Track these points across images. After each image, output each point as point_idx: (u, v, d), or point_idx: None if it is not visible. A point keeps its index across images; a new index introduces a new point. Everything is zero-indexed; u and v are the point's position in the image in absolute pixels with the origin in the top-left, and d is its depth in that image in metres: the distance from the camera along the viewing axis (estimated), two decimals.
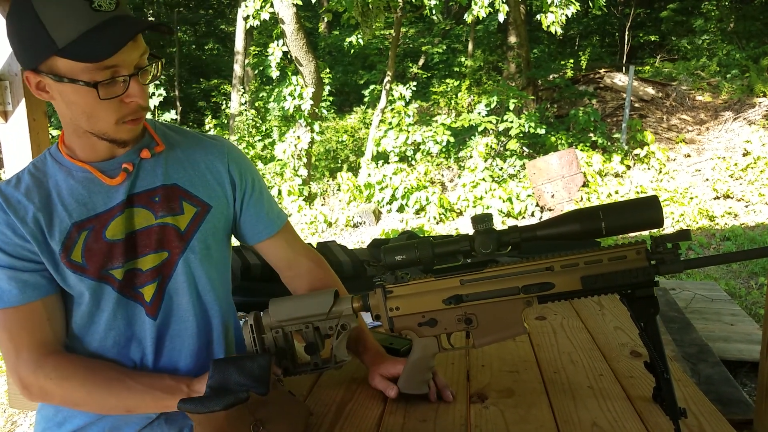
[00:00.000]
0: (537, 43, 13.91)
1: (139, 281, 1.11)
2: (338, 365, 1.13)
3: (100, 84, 0.97)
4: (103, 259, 1.08)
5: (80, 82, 0.96)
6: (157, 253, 1.11)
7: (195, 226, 1.15)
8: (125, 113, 1.03)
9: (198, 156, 1.20)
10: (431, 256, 1.01)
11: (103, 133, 1.05)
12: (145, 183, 1.13)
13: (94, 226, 1.08)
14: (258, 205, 1.26)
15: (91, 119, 1.02)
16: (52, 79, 0.98)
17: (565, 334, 1.43)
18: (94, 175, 1.10)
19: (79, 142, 1.08)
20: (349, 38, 9.50)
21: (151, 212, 1.12)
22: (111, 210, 1.09)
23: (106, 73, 0.97)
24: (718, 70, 10.49)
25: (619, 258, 0.95)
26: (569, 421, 1.02)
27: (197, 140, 1.23)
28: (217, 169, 1.20)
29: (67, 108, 1.02)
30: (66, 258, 1.06)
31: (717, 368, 2.91)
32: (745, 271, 5.08)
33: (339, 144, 10.77)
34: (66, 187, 1.09)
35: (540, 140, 8.51)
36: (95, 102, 0.99)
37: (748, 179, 7.35)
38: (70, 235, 1.07)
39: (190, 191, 1.16)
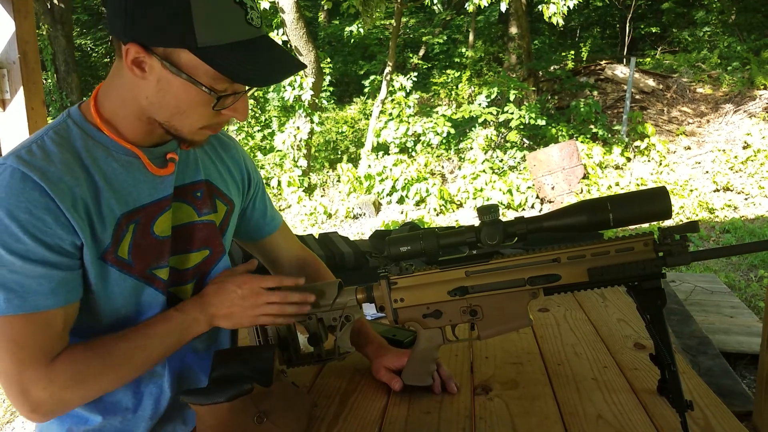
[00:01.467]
0: (538, 34, 13.85)
1: (183, 280, 1.05)
2: (341, 356, 1.12)
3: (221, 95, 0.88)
4: (150, 257, 0.99)
5: (202, 86, 0.87)
6: (199, 251, 1.07)
7: (226, 225, 1.13)
8: (215, 123, 0.95)
9: (221, 151, 1.15)
10: (436, 247, 1.00)
11: (177, 130, 0.94)
12: (186, 176, 1.05)
13: (140, 219, 0.97)
14: (263, 202, 1.25)
15: (177, 116, 0.92)
16: (163, 66, 0.86)
17: (568, 326, 1.43)
18: (140, 162, 0.97)
19: (136, 124, 0.95)
20: (349, 28, 9.45)
21: (193, 208, 1.06)
22: (158, 203, 0.99)
23: (226, 84, 0.89)
24: (719, 63, 10.45)
25: (627, 249, 0.94)
26: (574, 414, 1.01)
27: (216, 134, 1.17)
28: (238, 166, 1.17)
29: (158, 94, 0.89)
30: (114, 254, 0.94)
31: (717, 360, 2.92)
32: (744, 264, 5.08)
33: (339, 135, 10.73)
34: (109, 169, 0.95)
35: (540, 132, 8.49)
36: (201, 107, 0.90)
37: (748, 172, 7.35)
38: (120, 226, 0.95)
39: (220, 188, 1.12)
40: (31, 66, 2.39)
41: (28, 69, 2.38)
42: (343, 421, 1.02)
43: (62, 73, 11.40)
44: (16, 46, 2.33)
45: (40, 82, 2.45)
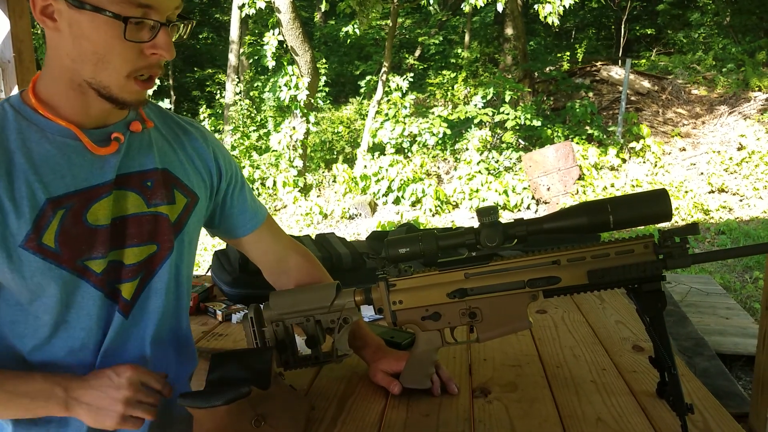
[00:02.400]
0: (533, 35, 13.87)
1: (119, 275, 0.95)
2: (339, 359, 1.11)
3: (129, 20, 0.82)
4: (81, 246, 0.90)
5: (107, 12, 0.81)
6: (145, 245, 0.97)
7: (185, 219, 1.03)
8: (141, 66, 0.87)
9: (184, 140, 1.07)
10: (435, 249, 1.00)
11: (105, 86, 0.87)
12: (137, 163, 0.97)
13: (72, 205, 0.90)
14: (242, 196, 1.16)
15: (100, 63, 0.85)
16: (68, 4, 0.81)
17: (566, 328, 1.42)
18: (78, 142, 0.91)
19: (70, 95, 0.90)
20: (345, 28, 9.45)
21: (142, 198, 0.97)
22: (96, 188, 0.92)
23: (138, 11, 0.83)
24: (713, 64, 10.49)
25: (627, 252, 0.94)
26: (573, 416, 1.01)
27: (177, 122, 1.09)
28: (203, 157, 1.08)
29: (74, 44, 0.85)
30: (36, 241, 0.87)
31: (713, 362, 2.92)
32: (739, 265, 5.10)
33: (335, 135, 10.72)
34: (39, 151, 0.89)
35: (536, 133, 8.51)
36: (114, 41, 0.83)
37: (743, 173, 7.38)
38: (44, 212, 0.87)
39: (181, 179, 1.03)
40: (26, 65, 2.37)
41: (23, 68, 2.36)
42: (341, 424, 1.01)
43: None
44: (11, 45, 2.31)
45: None
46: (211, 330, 1.53)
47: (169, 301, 1.03)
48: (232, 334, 1.50)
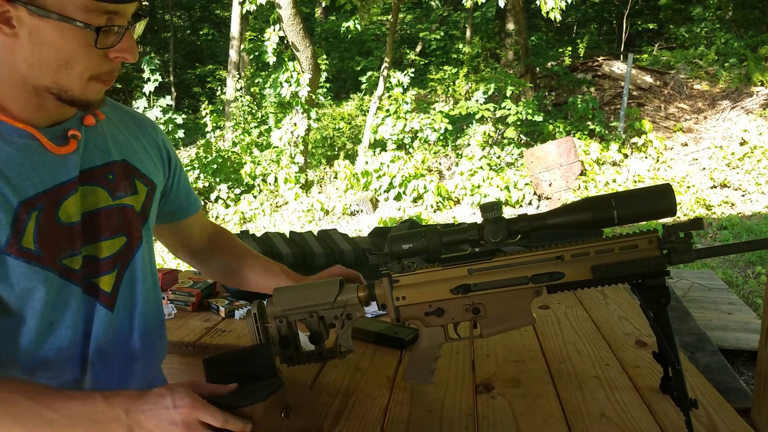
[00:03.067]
0: (535, 30, 13.84)
1: (94, 270, 0.96)
2: (342, 355, 1.11)
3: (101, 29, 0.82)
4: (59, 244, 0.90)
5: (77, 22, 0.80)
6: (116, 238, 0.98)
7: (148, 207, 1.05)
8: (104, 70, 0.88)
9: (136, 130, 1.08)
10: (439, 244, 0.99)
11: (67, 91, 0.86)
12: (96, 157, 0.97)
13: (44, 206, 0.89)
14: (185, 181, 1.19)
15: (62, 70, 0.84)
16: (29, 11, 0.79)
17: (569, 324, 1.42)
18: (37, 142, 0.89)
19: (22, 97, 0.88)
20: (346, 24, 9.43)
21: (107, 191, 0.98)
22: (62, 186, 0.91)
23: (103, 19, 0.82)
24: (716, 59, 10.46)
25: (631, 247, 0.93)
26: (577, 412, 1.01)
27: (126, 112, 1.10)
28: (156, 145, 1.10)
29: (33, 51, 0.83)
30: (16, 245, 0.86)
31: (715, 357, 2.92)
32: (742, 261, 5.09)
33: (336, 131, 10.72)
34: (1, 156, 0.86)
35: (538, 128, 8.49)
36: (81, 49, 0.83)
37: (745, 168, 7.36)
38: (19, 216, 0.86)
39: (139, 168, 1.04)
40: None
41: None
42: (345, 420, 1.01)
43: None
44: None
45: None
46: (214, 326, 1.53)
47: (148, 288, 1.05)
48: (235, 331, 1.50)
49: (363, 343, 1.33)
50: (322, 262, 1.76)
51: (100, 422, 0.81)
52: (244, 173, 8.43)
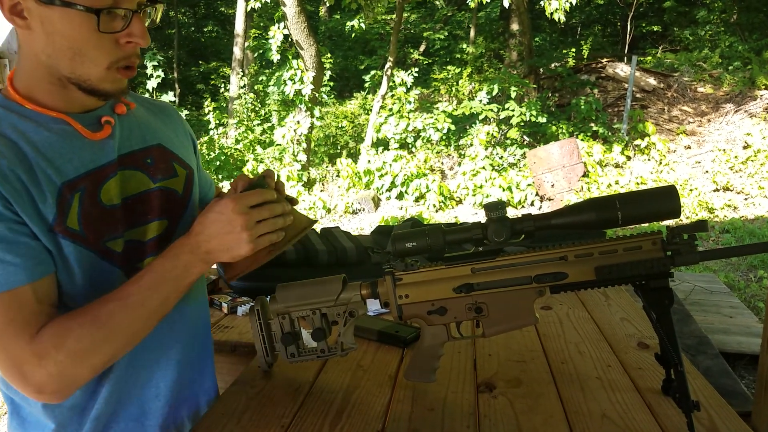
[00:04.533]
0: (539, 31, 13.83)
1: (139, 254, 0.97)
2: (344, 352, 1.11)
3: (101, 11, 0.81)
4: (102, 227, 0.91)
5: (78, 6, 0.80)
6: (159, 220, 1.00)
7: (189, 190, 1.06)
8: (119, 56, 0.87)
9: (164, 117, 1.10)
10: (442, 243, 0.99)
11: (86, 80, 0.87)
12: (132, 143, 0.98)
13: (86, 187, 0.90)
14: (202, 167, 1.20)
15: (77, 58, 0.85)
16: (36, 1, 0.81)
17: (571, 324, 1.42)
18: (72, 128, 0.90)
19: (51, 89, 0.89)
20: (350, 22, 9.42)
21: (146, 175, 0.99)
22: (102, 169, 0.92)
23: (108, 1, 0.82)
24: (720, 62, 10.44)
25: (635, 248, 0.93)
26: (578, 412, 1.01)
27: (153, 102, 1.12)
28: (183, 130, 1.12)
29: (48, 41, 0.84)
30: (63, 225, 0.86)
31: (716, 360, 2.92)
32: (744, 264, 5.08)
33: (339, 130, 10.72)
34: (40, 139, 0.87)
35: (541, 129, 8.49)
36: (89, 35, 0.83)
37: (748, 172, 7.35)
38: (63, 195, 0.87)
39: (176, 152, 1.05)
40: None
41: None
42: (346, 417, 1.02)
43: None
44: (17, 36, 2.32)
45: None
46: (216, 322, 1.54)
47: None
48: (238, 327, 1.50)
49: (365, 341, 1.33)
50: (324, 260, 1.77)
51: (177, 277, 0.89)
52: (246, 171, 8.44)
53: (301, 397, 1.09)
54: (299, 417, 1.02)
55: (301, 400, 1.08)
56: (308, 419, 1.01)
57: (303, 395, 1.10)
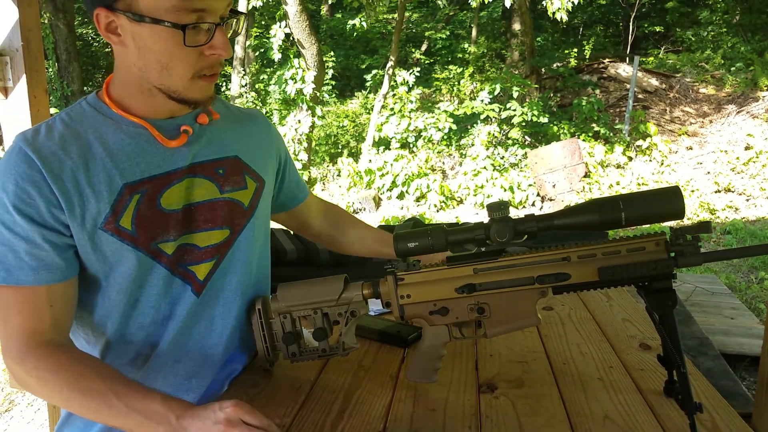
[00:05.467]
0: (541, 31, 13.81)
1: (192, 258, 1.02)
2: (346, 352, 1.11)
3: (186, 27, 0.88)
4: (156, 229, 0.97)
5: (165, 23, 0.87)
6: (220, 229, 1.05)
7: (256, 202, 1.11)
8: (203, 66, 0.94)
9: (249, 127, 1.15)
10: (445, 243, 0.99)
11: (174, 91, 0.94)
12: (208, 152, 1.04)
13: (147, 190, 0.97)
14: (293, 170, 1.28)
15: (165, 70, 0.92)
16: (129, 19, 0.88)
17: (573, 325, 1.42)
18: (149, 133, 0.98)
19: (138, 98, 0.97)
20: (351, 21, 9.41)
21: (215, 185, 1.04)
22: (169, 175, 0.99)
23: (192, 17, 0.88)
24: (722, 63, 10.43)
25: (638, 249, 0.93)
26: (580, 413, 1.00)
27: (241, 111, 1.18)
28: (267, 142, 1.18)
29: (139, 55, 0.91)
30: (114, 223, 0.94)
31: (717, 361, 2.92)
32: (745, 266, 5.08)
33: (340, 129, 10.71)
34: (115, 140, 0.96)
35: (542, 129, 8.48)
36: (176, 49, 0.89)
37: (750, 173, 7.34)
38: (122, 197, 0.95)
39: (250, 165, 1.11)
40: (34, 54, 2.36)
41: (31, 57, 2.35)
42: (347, 417, 1.01)
43: (63, 62, 11.34)
44: (19, 33, 2.30)
45: (43, 70, 2.43)
46: None
47: (243, 282, 1.11)
48: None
49: (366, 341, 1.33)
50: (326, 259, 1.76)
51: (151, 420, 0.86)
52: None
53: (302, 396, 1.09)
54: (300, 417, 1.01)
55: (302, 399, 1.08)
56: (309, 419, 1.01)
57: (304, 395, 1.09)
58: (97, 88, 0.98)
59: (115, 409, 0.87)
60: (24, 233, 0.90)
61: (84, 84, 11.13)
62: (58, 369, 0.91)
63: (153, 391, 0.91)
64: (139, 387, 0.91)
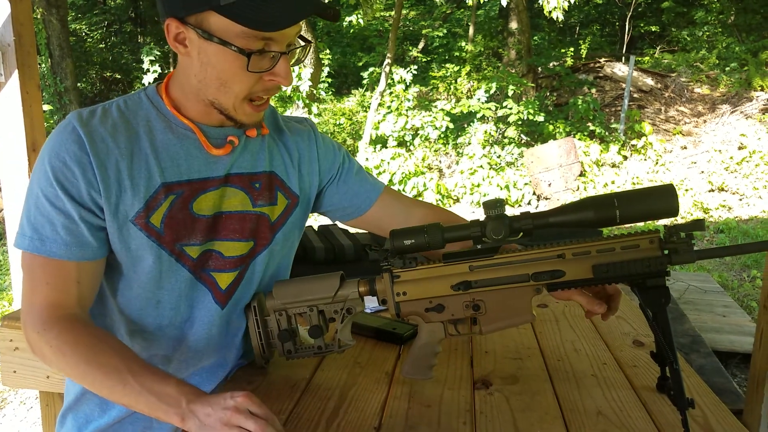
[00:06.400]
0: (538, 30, 13.83)
1: (215, 265, 1.04)
2: (341, 349, 1.12)
3: (253, 54, 0.89)
4: (183, 231, 1.00)
5: (233, 46, 0.88)
6: (246, 241, 1.07)
7: (284, 219, 1.12)
8: (258, 90, 0.96)
9: (293, 143, 1.15)
10: (441, 241, 1.00)
11: (225, 108, 0.97)
12: (248, 165, 1.06)
13: (183, 193, 0.99)
14: (353, 178, 1.23)
15: (222, 87, 0.94)
16: (198, 35, 0.89)
17: (567, 322, 1.43)
18: (196, 137, 1.00)
19: (194, 103, 0.99)
20: (348, 18, 9.40)
21: (249, 197, 1.06)
22: (206, 181, 1.01)
23: (260, 44, 0.90)
24: (717, 63, 10.47)
25: (632, 247, 0.94)
26: (574, 410, 1.01)
27: (289, 123, 1.18)
28: (310, 158, 1.17)
29: (201, 68, 0.93)
30: (145, 219, 0.96)
31: (709, 359, 2.94)
32: (737, 264, 5.11)
33: (336, 127, 10.70)
34: (163, 139, 0.99)
35: (538, 128, 8.50)
36: (238, 72, 0.91)
37: (743, 172, 7.39)
38: (157, 195, 0.97)
39: (285, 181, 1.12)
40: (26, 49, 2.36)
41: (23, 52, 2.34)
42: (343, 414, 1.02)
43: (56, 58, 11.29)
44: (11, 28, 2.30)
45: (35, 65, 2.42)
46: None
47: (261, 289, 1.12)
48: None
49: (362, 338, 1.34)
50: (322, 257, 1.77)
51: (161, 401, 0.88)
52: None
53: (297, 393, 1.09)
54: (295, 413, 1.02)
55: (297, 396, 1.08)
56: (305, 415, 1.01)
57: (300, 392, 1.10)
58: (91, 84, 0.97)
59: (129, 387, 0.89)
60: (63, 208, 0.93)
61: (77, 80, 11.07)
62: (78, 343, 0.92)
63: (169, 375, 0.93)
64: (155, 369, 0.93)
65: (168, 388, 0.89)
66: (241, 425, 0.84)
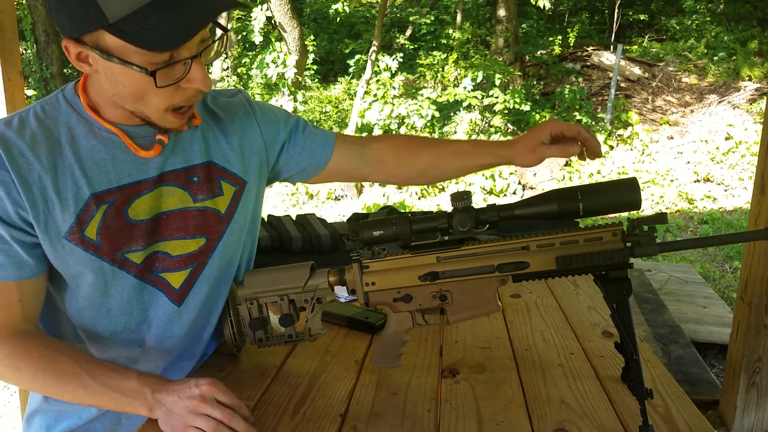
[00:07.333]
0: (526, 17, 13.79)
1: (163, 266, 1.01)
2: (312, 338, 1.13)
3: (157, 71, 0.83)
4: (121, 240, 0.95)
5: (134, 66, 0.82)
6: (194, 239, 1.03)
7: (234, 207, 1.08)
8: (179, 101, 0.90)
9: (229, 124, 1.09)
10: (409, 232, 1.01)
11: (146, 117, 0.92)
12: (182, 160, 1.01)
13: (115, 200, 0.94)
14: (307, 131, 1.19)
15: (138, 102, 0.89)
16: (98, 55, 0.83)
17: (538, 313, 1.44)
18: (121, 140, 0.95)
19: (115, 110, 0.94)
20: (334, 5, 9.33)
21: (188, 194, 1.02)
22: (138, 185, 0.96)
23: (165, 56, 0.83)
24: (705, 52, 10.50)
25: (595, 239, 0.95)
26: (538, 398, 1.03)
27: (219, 103, 1.11)
28: (251, 136, 1.12)
29: (111, 86, 0.88)
30: (79, 233, 0.92)
31: (687, 349, 2.98)
32: (720, 255, 5.16)
33: (323, 114, 10.65)
34: (86, 146, 0.93)
35: (524, 117, 8.50)
36: (148, 86, 0.85)
37: (729, 163, 7.44)
38: (88, 207, 0.92)
39: (227, 168, 1.07)
40: (8, 36, 2.32)
41: (5, 39, 2.31)
42: (311, 401, 1.03)
43: (42, 44, 11.10)
44: None
45: (18, 52, 2.38)
46: None
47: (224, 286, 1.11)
48: None
49: (334, 327, 1.35)
50: (299, 246, 1.77)
51: (127, 396, 0.88)
52: None
53: (267, 380, 1.10)
54: (264, 400, 1.03)
55: (267, 383, 1.09)
56: (273, 402, 1.02)
57: (270, 379, 1.11)
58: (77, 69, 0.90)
59: (91, 389, 0.89)
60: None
61: (63, 66, 10.92)
62: (30, 356, 0.91)
63: (128, 369, 0.93)
64: (113, 366, 0.93)
65: (130, 382, 0.89)
66: (207, 413, 0.85)
